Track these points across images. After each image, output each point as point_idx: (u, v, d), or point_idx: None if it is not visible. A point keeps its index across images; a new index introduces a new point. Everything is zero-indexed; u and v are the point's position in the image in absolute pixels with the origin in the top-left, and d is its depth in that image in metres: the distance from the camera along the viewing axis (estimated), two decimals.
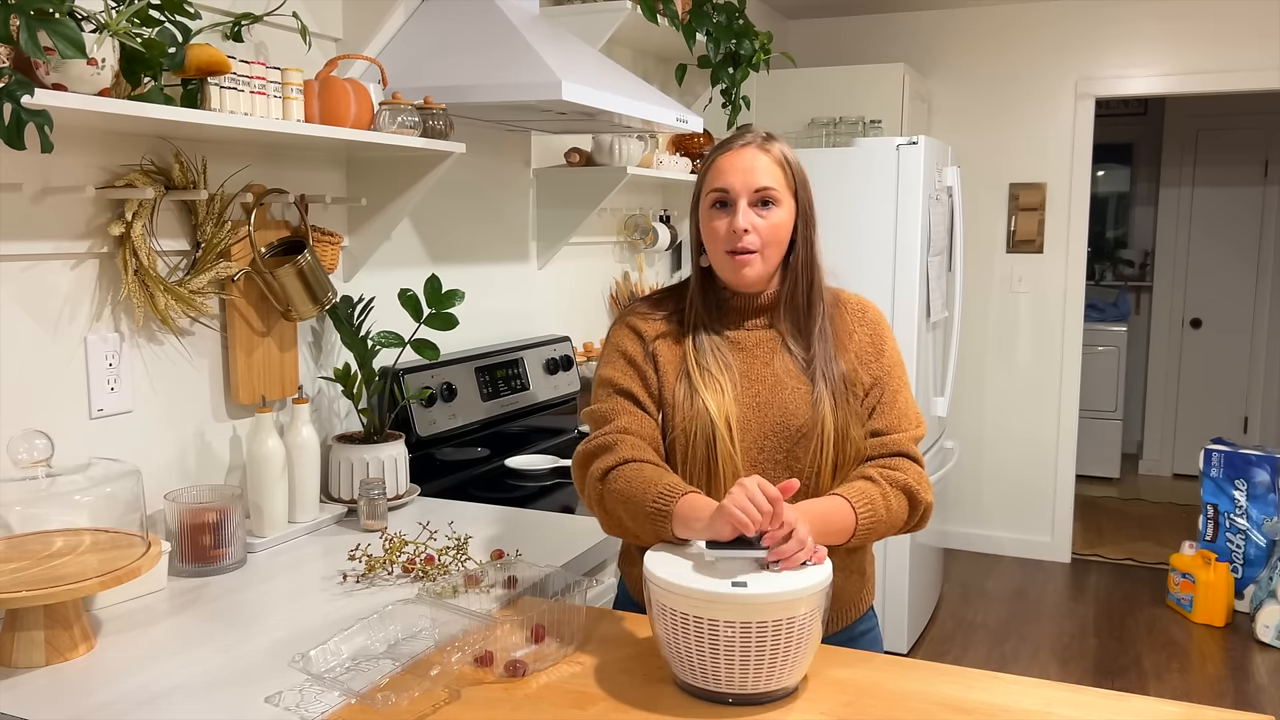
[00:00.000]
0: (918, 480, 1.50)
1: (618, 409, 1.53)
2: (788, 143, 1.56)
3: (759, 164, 1.49)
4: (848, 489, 1.45)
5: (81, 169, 1.64)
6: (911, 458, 1.52)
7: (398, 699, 1.22)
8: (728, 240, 1.49)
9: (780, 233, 1.51)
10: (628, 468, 1.44)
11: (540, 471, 2.49)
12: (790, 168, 1.52)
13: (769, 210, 1.49)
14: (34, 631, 1.37)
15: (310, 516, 1.97)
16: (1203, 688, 3.52)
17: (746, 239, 1.48)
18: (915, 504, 1.50)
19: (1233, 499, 4.14)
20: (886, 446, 1.52)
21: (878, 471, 1.49)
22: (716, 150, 1.54)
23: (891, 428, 1.53)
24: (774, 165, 1.50)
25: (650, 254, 3.60)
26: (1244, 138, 6.05)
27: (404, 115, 1.92)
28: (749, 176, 1.48)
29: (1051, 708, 1.27)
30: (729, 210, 1.50)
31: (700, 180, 1.55)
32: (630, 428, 1.50)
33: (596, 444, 1.50)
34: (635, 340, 1.57)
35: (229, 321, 1.91)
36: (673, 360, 1.54)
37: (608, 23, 2.69)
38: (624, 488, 1.42)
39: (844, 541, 1.43)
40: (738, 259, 1.50)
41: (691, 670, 1.26)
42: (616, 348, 1.58)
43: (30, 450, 1.51)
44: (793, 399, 1.51)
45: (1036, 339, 4.75)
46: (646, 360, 1.55)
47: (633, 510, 1.41)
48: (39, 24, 1.27)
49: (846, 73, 4.22)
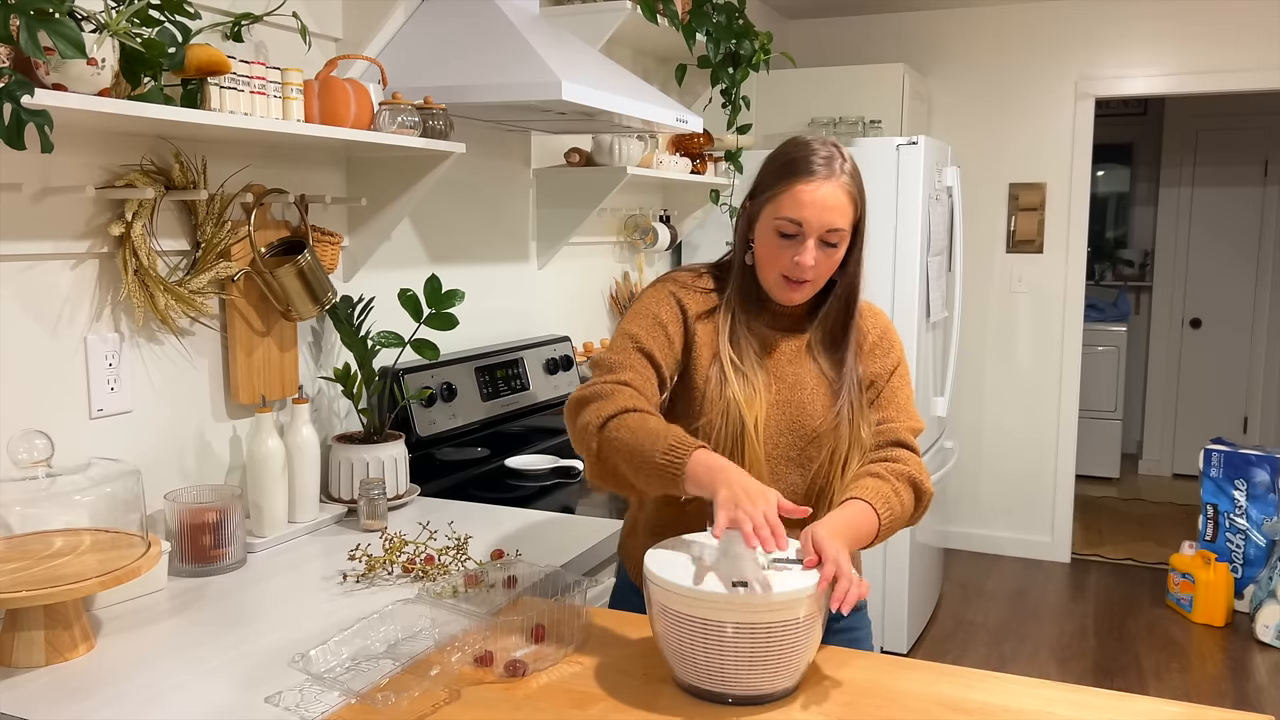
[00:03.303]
0: (919, 470, 1.50)
1: (631, 363, 1.49)
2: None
3: (837, 202, 1.45)
4: (862, 489, 1.44)
5: (81, 169, 1.64)
6: (910, 447, 1.53)
7: (398, 699, 1.22)
8: (788, 269, 1.48)
9: (836, 263, 1.51)
10: (630, 417, 1.40)
11: (540, 471, 2.49)
12: (858, 198, 1.49)
13: (834, 248, 1.48)
14: (34, 631, 1.37)
15: (310, 516, 1.97)
16: (1203, 688, 3.52)
17: (808, 272, 1.47)
18: (920, 495, 1.50)
19: (1232, 499, 4.14)
20: (884, 435, 1.53)
21: (883, 467, 1.48)
22: (793, 170, 1.47)
23: (891, 418, 1.55)
24: (848, 202, 1.46)
25: (650, 254, 3.60)
26: (1244, 138, 6.05)
27: (404, 115, 1.92)
28: (825, 215, 1.45)
29: (1051, 707, 1.27)
30: (795, 241, 1.46)
31: (766, 188, 1.49)
32: (634, 383, 1.46)
33: (594, 389, 1.45)
34: (675, 310, 1.55)
35: (229, 321, 1.91)
36: (708, 343, 1.54)
37: (608, 23, 2.69)
38: (627, 438, 1.37)
39: (871, 542, 1.43)
40: (792, 285, 1.49)
41: (691, 670, 1.26)
42: (651, 310, 1.55)
43: (30, 450, 1.51)
44: (811, 399, 1.53)
45: (1036, 339, 4.75)
46: (680, 333, 1.54)
47: (636, 461, 1.36)
48: (39, 24, 1.27)
49: (846, 73, 4.22)
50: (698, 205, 3.71)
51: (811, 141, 1.50)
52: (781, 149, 1.52)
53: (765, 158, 1.55)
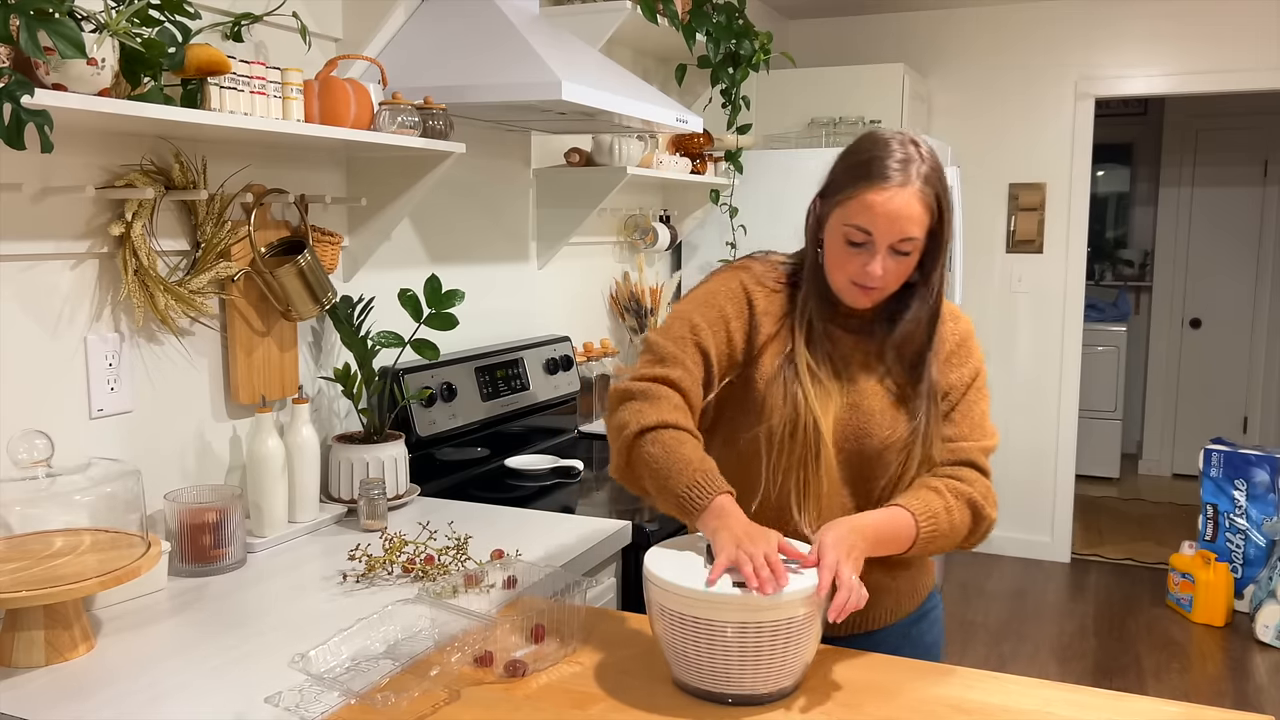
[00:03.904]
0: (984, 494, 1.43)
1: (683, 358, 1.44)
2: (934, 160, 1.40)
3: (910, 212, 1.36)
4: (910, 499, 1.39)
5: (81, 169, 1.64)
6: (979, 469, 1.45)
7: (398, 699, 1.22)
8: (857, 275, 1.41)
9: (909, 270, 1.42)
10: (667, 434, 1.36)
11: (540, 471, 2.49)
12: (936, 205, 1.38)
13: (907, 256, 1.40)
14: (34, 631, 1.37)
15: (310, 516, 1.97)
16: (1202, 688, 3.52)
17: (877, 280, 1.40)
18: (979, 519, 1.43)
19: (1232, 499, 4.14)
20: (955, 454, 1.45)
21: (944, 484, 1.42)
22: (865, 173, 1.37)
23: (963, 435, 1.46)
24: (922, 211, 1.37)
25: (650, 254, 3.60)
26: (1244, 138, 6.05)
27: (404, 115, 1.92)
28: (897, 225, 1.36)
29: (1051, 707, 1.27)
30: (864, 249, 1.39)
31: (837, 190, 1.41)
32: (682, 383, 1.42)
33: (640, 387, 1.41)
34: (742, 305, 1.48)
35: (229, 321, 1.91)
36: (774, 342, 1.47)
37: (608, 23, 2.69)
38: (660, 456, 1.35)
39: (902, 552, 1.38)
40: (862, 291, 1.42)
41: (691, 670, 1.26)
42: (718, 301, 1.48)
43: (30, 450, 1.51)
44: (878, 406, 1.46)
45: (1036, 339, 4.75)
46: (742, 331, 1.48)
47: (660, 484, 1.35)
48: (39, 24, 1.27)
49: (846, 73, 4.22)
50: (698, 205, 3.71)
51: (889, 140, 1.39)
52: (857, 145, 1.43)
53: (840, 153, 1.45)
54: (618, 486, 2.43)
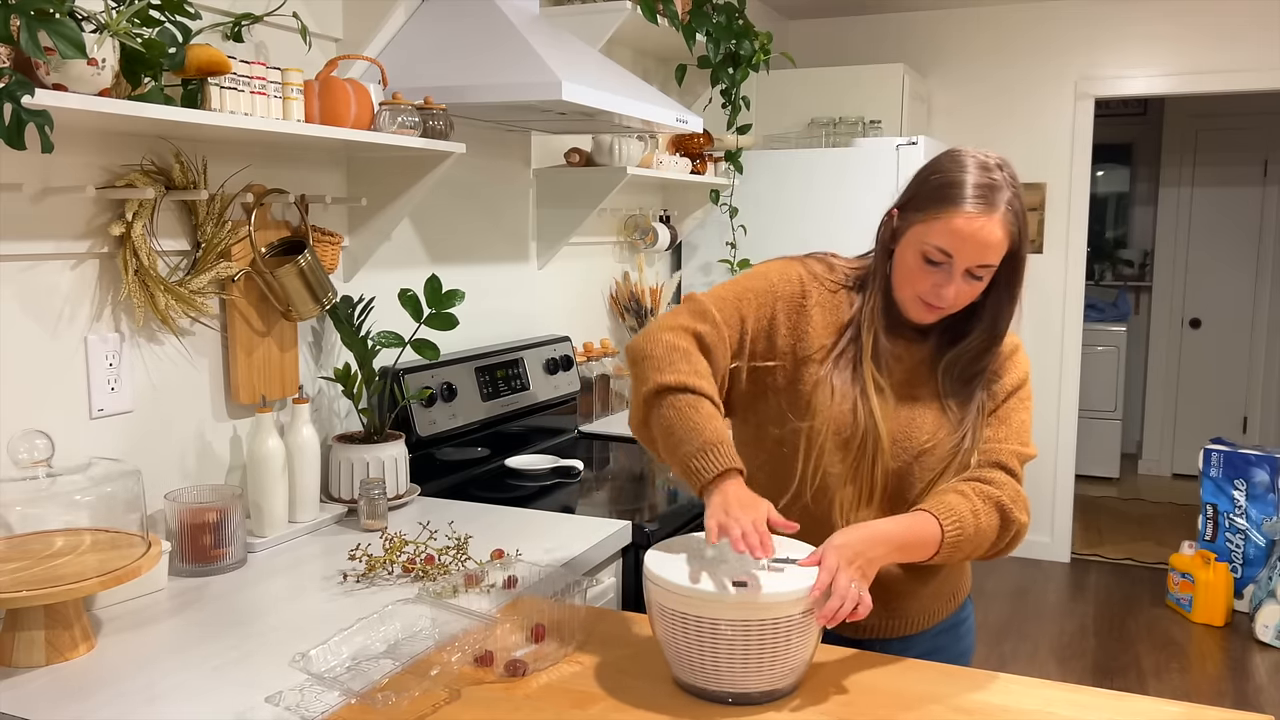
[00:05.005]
0: (1012, 498, 1.40)
1: (720, 321, 1.44)
2: (1014, 178, 1.40)
3: (994, 240, 1.35)
4: (936, 503, 1.38)
5: (81, 169, 1.64)
6: (1010, 471, 1.43)
7: (398, 699, 1.22)
8: (928, 294, 1.40)
9: (978, 293, 1.42)
10: (686, 398, 1.36)
11: (540, 471, 2.49)
12: (1017, 232, 1.38)
13: (979, 280, 1.39)
14: (34, 631, 1.37)
15: (310, 516, 1.97)
16: (1202, 687, 3.52)
17: (948, 300, 1.40)
18: (1007, 523, 1.40)
19: (1232, 499, 4.14)
20: (987, 454, 1.44)
21: (970, 487, 1.40)
22: (952, 197, 1.36)
23: (997, 437, 1.45)
24: (1004, 239, 1.36)
25: (650, 254, 3.60)
26: (1244, 138, 6.05)
27: (404, 115, 1.92)
28: (979, 252, 1.35)
29: (1051, 707, 1.27)
30: (940, 270, 1.38)
31: (920, 207, 1.40)
32: (709, 339, 1.43)
33: (668, 341, 1.41)
34: (795, 293, 1.49)
35: (229, 321, 1.91)
36: (823, 340, 1.47)
37: (608, 23, 2.69)
38: (674, 419, 1.35)
39: (927, 558, 1.36)
40: (929, 308, 1.42)
41: (691, 670, 1.26)
42: (774, 282, 1.50)
43: (30, 450, 1.51)
44: (927, 418, 1.46)
45: (1036, 339, 4.75)
46: (787, 316, 1.48)
47: (672, 446, 1.35)
48: (39, 24, 1.27)
49: (846, 73, 4.22)
50: (698, 205, 3.71)
51: (976, 164, 1.38)
52: (941, 164, 1.41)
53: (922, 166, 1.45)
54: (618, 486, 2.44)
